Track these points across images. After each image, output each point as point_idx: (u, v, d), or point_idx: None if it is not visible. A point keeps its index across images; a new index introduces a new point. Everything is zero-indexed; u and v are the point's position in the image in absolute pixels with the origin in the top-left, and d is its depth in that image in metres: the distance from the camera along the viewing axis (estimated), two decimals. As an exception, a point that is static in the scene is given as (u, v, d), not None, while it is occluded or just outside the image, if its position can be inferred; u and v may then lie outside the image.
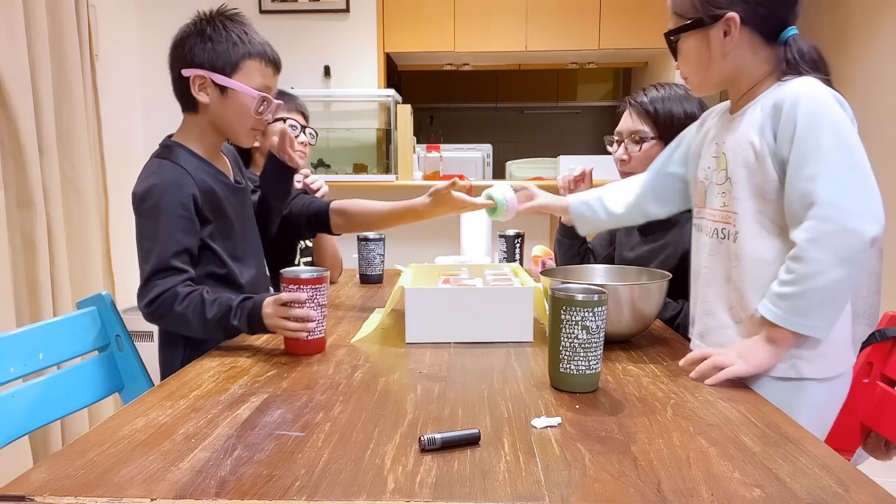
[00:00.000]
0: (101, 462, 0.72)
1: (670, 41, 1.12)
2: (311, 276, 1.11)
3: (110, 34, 2.60)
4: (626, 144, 1.58)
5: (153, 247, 1.16)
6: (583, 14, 3.67)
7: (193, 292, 1.15)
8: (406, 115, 3.44)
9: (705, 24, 1.05)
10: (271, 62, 1.26)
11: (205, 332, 1.16)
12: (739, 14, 1.02)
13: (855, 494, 0.64)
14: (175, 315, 1.14)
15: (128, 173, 2.69)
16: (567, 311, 0.93)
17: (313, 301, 1.11)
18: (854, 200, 0.94)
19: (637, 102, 1.57)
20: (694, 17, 1.06)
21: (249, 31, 1.24)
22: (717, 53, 1.06)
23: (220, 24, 1.21)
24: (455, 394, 0.93)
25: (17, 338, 1.11)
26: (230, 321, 1.14)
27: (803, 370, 1.01)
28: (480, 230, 1.98)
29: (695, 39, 1.08)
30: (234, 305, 1.14)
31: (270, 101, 1.25)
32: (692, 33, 1.08)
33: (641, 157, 1.54)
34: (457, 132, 5.67)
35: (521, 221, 1.71)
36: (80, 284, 2.16)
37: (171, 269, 1.16)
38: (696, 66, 1.11)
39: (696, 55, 1.09)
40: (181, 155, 1.23)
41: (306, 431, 0.80)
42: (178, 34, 1.24)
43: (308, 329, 1.11)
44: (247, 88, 1.21)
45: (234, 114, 1.23)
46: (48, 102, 2.02)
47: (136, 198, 1.20)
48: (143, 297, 1.16)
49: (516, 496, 0.64)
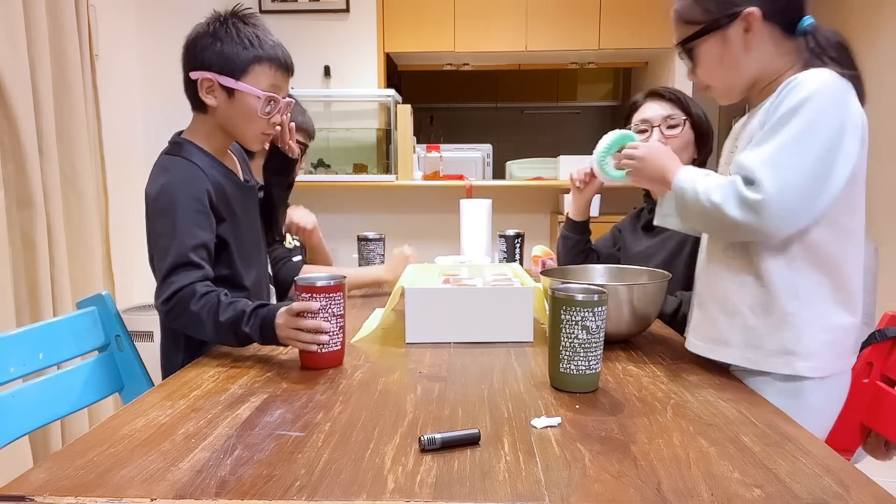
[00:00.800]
0: (101, 462, 0.72)
1: (686, 50, 1.09)
2: (326, 283, 1.06)
3: (110, 34, 2.60)
4: (660, 130, 1.57)
5: (171, 243, 1.14)
6: (583, 14, 3.68)
7: (211, 293, 1.12)
8: (406, 115, 3.44)
9: (722, 24, 1.03)
10: (282, 66, 1.23)
11: (216, 335, 1.12)
12: (759, 7, 1.01)
13: (855, 494, 0.64)
14: (190, 315, 1.11)
15: (128, 173, 2.69)
16: (567, 311, 0.93)
17: (327, 311, 1.05)
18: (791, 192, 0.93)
19: (666, 91, 1.59)
20: (709, 19, 1.04)
21: (262, 32, 1.21)
22: (739, 52, 1.04)
23: (233, 26, 1.19)
24: (455, 394, 0.93)
25: (17, 338, 1.11)
26: (241, 327, 1.09)
27: (797, 367, 1.01)
28: (480, 230, 1.97)
29: (714, 42, 1.05)
30: (248, 311, 1.09)
31: (277, 101, 1.23)
32: (710, 37, 1.05)
33: (679, 140, 1.55)
34: (457, 132, 5.67)
35: (522, 221, 1.71)
36: (80, 284, 2.16)
37: (190, 265, 1.13)
38: (719, 69, 1.08)
39: (719, 58, 1.06)
40: (192, 152, 1.23)
41: (306, 431, 0.80)
42: (191, 34, 1.22)
43: (320, 341, 1.05)
44: (252, 89, 1.19)
45: (241, 116, 1.22)
46: (48, 102, 2.02)
47: (149, 197, 1.19)
48: (160, 294, 1.13)
49: (516, 496, 0.64)
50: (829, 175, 0.94)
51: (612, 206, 3.26)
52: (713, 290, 1.10)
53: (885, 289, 1.70)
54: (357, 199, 3.65)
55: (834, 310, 1.01)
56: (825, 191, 0.94)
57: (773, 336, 1.02)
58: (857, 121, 0.97)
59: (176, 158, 1.22)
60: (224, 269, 1.26)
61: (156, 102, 2.75)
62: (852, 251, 1.02)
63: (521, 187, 3.63)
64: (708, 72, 1.09)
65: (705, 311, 1.11)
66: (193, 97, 1.24)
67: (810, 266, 1.00)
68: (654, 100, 1.60)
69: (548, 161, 3.77)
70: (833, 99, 0.96)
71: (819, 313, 1.00)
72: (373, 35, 3.69)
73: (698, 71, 1.11)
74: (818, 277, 1.00)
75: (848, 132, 0.95)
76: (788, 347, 1.01)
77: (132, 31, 2.75)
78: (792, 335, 1.00)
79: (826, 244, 1.00)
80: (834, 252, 1.00)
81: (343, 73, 3.68)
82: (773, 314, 1.01)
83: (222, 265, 1.25)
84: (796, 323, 1.00)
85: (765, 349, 1.02)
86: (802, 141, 0.94)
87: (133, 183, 2.72)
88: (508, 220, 3.14)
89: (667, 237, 1.55)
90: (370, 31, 3.69)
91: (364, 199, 3.68)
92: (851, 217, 1.01)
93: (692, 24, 1.07)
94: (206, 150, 1.25)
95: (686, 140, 1.56)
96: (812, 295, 1.00)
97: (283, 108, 1.26)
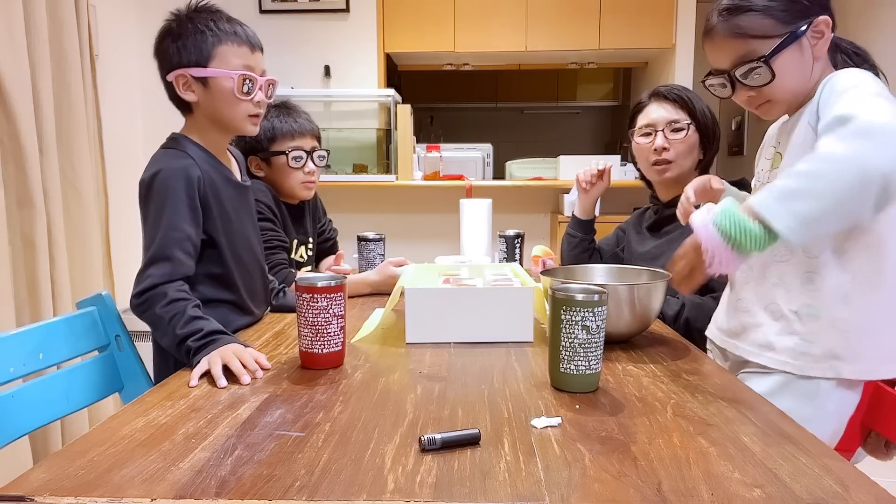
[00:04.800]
0: (101, 462, 0.71)
1: (767, 64, 1.03)
2: (327, 284, 1.05)
3: (110, 34, 2.59)
4: (664, 133, 1.55)
5: (155, 234, 1.15)
6: (583, 14, 3.68)
7: (180, 301, 1.11)
8: (406, 115, 3.44)
9: (800, 34, 1.01)
10: (245, 42, 1.24)
11: (172, 344, 1.10)
12: (828, 14, 1.01)
13: (855, 494, 0.64)
14: (154, 316, 1.11)
15: (128, 173, 2.69)
16: (567, 311, 0.93)
17: (328, 311, 1.05)
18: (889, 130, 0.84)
19: (671, 92, 1.58)
20: (783, 31, 1.02)
21: (217, 18, 1.23)
22: (810, 61, 1.03)
23: (188, 20, 1.21)
24: (455, 394, 0.93)
25: (17, 338, 1.11)
26: (186, 342, 1.06)
27: (843, 371, 1.01)
28: (480, 230, 1.97)
29: (792, 53, 1.03)
30: (205, 331, 1.07)
31: (254, 80, 1.24)
32: (789, 48, 1.02)
33: (683, 145, 1.54)
34: (457, 132, 5.68)
35: (522, 221, 1.71)
36: (80, 284, 2.16)
37: (169, 259, 1.14)
38: (794, 81, 1.05)
39: (798, 68, 1.04)
40: (188, 145, 1.25)
41: (306, 431, 0.80)
42: (156, 41, 1.24)
43: (243, 379, 0.98)
44: (222, 72, 1.20)
45: (222, 102, 1.23)
46: (48, 102, 2.02)
47: (142, 186, 1.20)
48: (136, 285, 1.14)
49: (516, 496, 0.64)
50: None
51: (613, 207, 3.26)
52: (760, 294, 1.09)
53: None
54: (357, 199, 3.65)
55: (882, 314, 1.01)
56: None
57: (819, 342, 1.02)
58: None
59: (171, 150, 1.24)
60: (214, 268, 1.26)
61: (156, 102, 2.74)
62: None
63: (521, 187, 3.63)
64: (783, 85, 1.05)
65: (753, 316, 1.11)
66: (176, 99, 1.26)
67: (859, 270, 0.99)
68: (658, 101, 1.59)
69: (548, 161, 3.77)
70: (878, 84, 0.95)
71: (868, 318, 1.00)
72: (373, 35, 3.69)
73: (773, 83, 1.05)
74: (866, 281, 1.00)
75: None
76: (836, 353, 1.00)
77: (132, 31, 2.75)
78: (841, 341, 1.00)
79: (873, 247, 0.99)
80: (883, 254, 1.00)
81: (343, 73, 3.68)
82: (821, 319, 1.01)
83: (212, 263, 1.26)
84: (845, 329, 1.00)
85: (811, 355, 1.02)
86: (874, 97, 0.89)
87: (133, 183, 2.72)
88: (508, 220, 3.15)
89: (673, 238, 1.54)
90: (370, 31, 3.69)
91: (364, 199, 3.68)
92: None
93: (758, 38, 1.03)
94: (201, 146, 1.27)
95: (691, 143, 1.55)
96: (861, 299, 1.00)
97: (263, 86, 1.27)
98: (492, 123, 5.97)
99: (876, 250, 0.99)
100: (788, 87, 1.06)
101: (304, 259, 1.84)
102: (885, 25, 2.97)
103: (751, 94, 1.08)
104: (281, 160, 1.73)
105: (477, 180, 3.56)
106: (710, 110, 1.58)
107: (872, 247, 0.99)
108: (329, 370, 1.05)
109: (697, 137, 1.56)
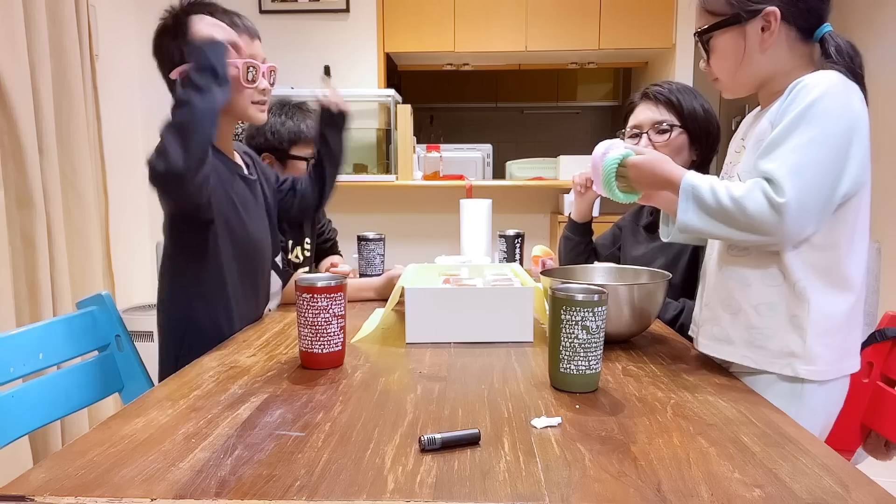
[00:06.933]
0: (101, 462, 0.72)
1: (703, 40, 1.09)
2: (327, 284, 1.05)
3: (110, 34, 2.60)
4: (649, 135, 1.54)
5: None
6: (583, 14, 3.68)
7: None
8: (406, 115, 3.44)
9: (743, 19, 1.04)
10: (244, 31, 1.26)
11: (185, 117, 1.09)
12: (780, 8, 1.01)
13: (855, 494, 0.64)
14: (166, 138, 1.07)
15: (128, 173, 2.69)
16: (567, 311, 0.93)
17: (328, 311, 1.04)
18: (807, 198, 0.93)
19: (658, 93, 1.55)
20: (730, 13, 1.04)
21: (214, 10, 1.24)
22: (754, 49, 1.05)
23: (184, 15, 1.22)
24: (455, 394, 0.93)
25: (17, 338, 1.11)
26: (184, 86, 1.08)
27: (799, 370, 1.01)
28: (480, 230, 1.97)
29: (731, 36, 1.06)
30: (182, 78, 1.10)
31: (257, 67, 1.26)
32: (728, 30, 1.06)
33: (668, 147, 1.51)
34: (457, 132, 5.67)
35: (522, 221, 1.71)
36: (80, 284, 2.16)
37: None
38: (731, 63, 1.08)
39: (733, 52, 1.06)
40: None
41: (306, 431, 0.80)
42: (153, 42, 1.25)
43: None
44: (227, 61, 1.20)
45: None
46: (48, 102, 2.02)
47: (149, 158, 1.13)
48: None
49: (516, 496, 0.64)
50: (840, 177, 0.95)
51: (612, 206, 3.25)
52: (718, 289, 1.10)
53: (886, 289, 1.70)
54: (357, 199, 3.65)
55: (839, 314, 1.01)
56: (837, 192, 0.95)
57: (776, 337, 1.02)
58: (863, 122, 0.97)
59: None
60: (217, 260, 1.26)
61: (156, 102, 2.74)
62: (858, 253, 1.02)
63: (521, 187, 3.63)
64: (720, 64, 1.09)
65: (711, 310, 1.11)
66: None
67: (817, 269, 1.00)
68: (646, 102, 1.56)
69: (548, 161, 3.77)
70: (841, 100, 0.96)
71: (824, 317, 1.00)
72: (373, 35, 3.69)
73: (711, 61, 1.11)
74: (825, 280, 1.00)
75: (858, 131, 0.96)
76: (792, 350, 1.00)
77: (132, 30, 2.75)
78: (796, 337, 1.00)
79: (833, 247, 0.99)
80: (841, 255, 1.00)
81: (343, 72, 3.68)
82: (777, 315, 1.01)
83: (216, 255, 1.25)
84: (801, 325, 1.00)
85: (768, 350, 1.02)
86: (815, 144, 0.94)
87: (133, 183, 2.72)
88: (508, 220, 3.15)
89: (665, 242, 1.54)
90: (370, 31, 3.69)
91: (364, 199, 3.68)
92: (856, 218, 1.01)
93: (714, 14, 1.07)
94: None
95: (677, 145, 1.52)
96: (818, 298, 1.00)
97: (265, 72, 1.29)
98: (492, 123, 5.97)
99: (835, 250, 1.00)
100: (728, 70, 1.09)
101: (301, 260, 1.83)
102: (885, 25, 2.97)
103: (705, 68, 1.13)
104: (300, 165, 1.72)
105: (477, 180, 3.56)
106: (705, 109, 1.54)
107: (831, 247, 0.99)
108: (329, 370, 1.05)
109: (685, 138, 1.53)
